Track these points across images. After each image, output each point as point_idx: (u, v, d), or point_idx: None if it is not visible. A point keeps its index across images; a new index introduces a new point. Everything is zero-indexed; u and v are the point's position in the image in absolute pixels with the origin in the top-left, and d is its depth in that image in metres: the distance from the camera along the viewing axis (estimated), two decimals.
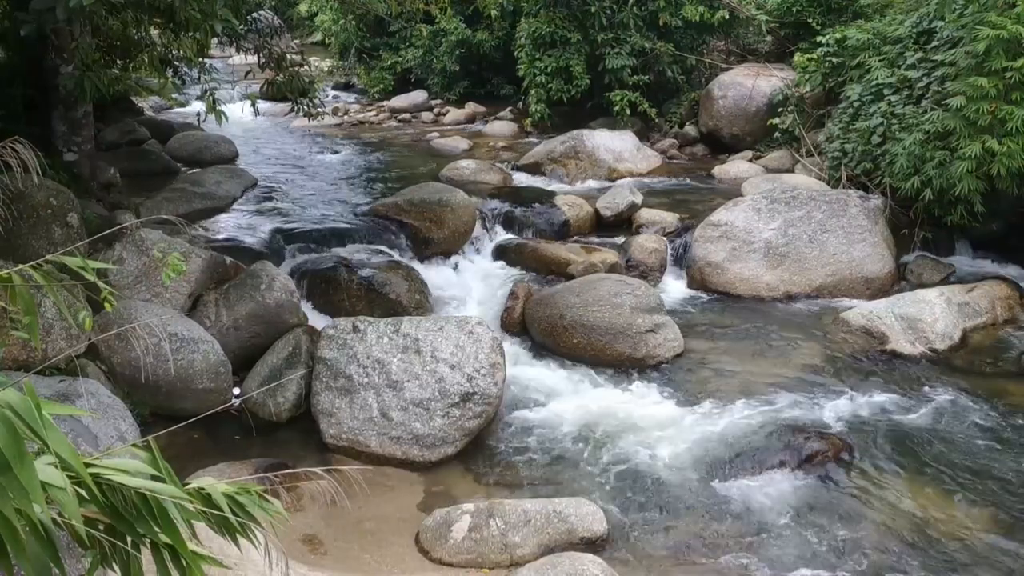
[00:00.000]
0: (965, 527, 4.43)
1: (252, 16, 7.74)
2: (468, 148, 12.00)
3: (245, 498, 1.70)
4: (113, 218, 6.73)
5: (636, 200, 8.69)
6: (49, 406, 1.47)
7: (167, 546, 1.60)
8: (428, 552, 4.24)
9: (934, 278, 7.58)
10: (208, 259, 5.99)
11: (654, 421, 5.43)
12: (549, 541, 4.19)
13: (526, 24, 12.40)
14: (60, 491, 1.42)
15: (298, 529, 4.30)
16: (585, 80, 12.10)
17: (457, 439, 5.12)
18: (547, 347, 6.46)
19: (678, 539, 4.37)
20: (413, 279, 6.92)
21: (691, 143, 11.93)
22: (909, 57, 8.50)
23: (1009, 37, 6.72)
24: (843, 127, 8.98)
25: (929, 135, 7.45)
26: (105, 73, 6.33)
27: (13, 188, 4.91)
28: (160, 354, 4.95)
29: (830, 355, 6.32)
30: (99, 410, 4.33)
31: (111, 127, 10.02)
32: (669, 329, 6.37)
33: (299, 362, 5.56)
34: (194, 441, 5.03)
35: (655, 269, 7.76)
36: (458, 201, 8.01)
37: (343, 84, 17.58)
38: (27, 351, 4.62)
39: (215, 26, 5.88)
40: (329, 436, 5.19)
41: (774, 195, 7.97)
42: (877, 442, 5.16)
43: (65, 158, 6.97)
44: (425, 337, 5.34)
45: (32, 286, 1.78)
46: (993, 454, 5.06)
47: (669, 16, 11.94)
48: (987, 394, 5.75)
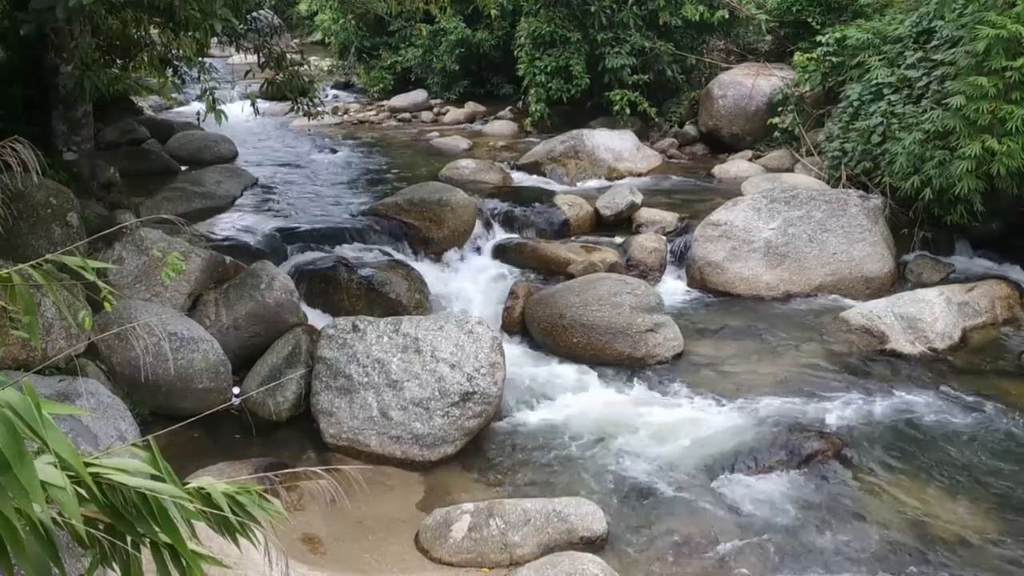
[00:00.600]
0: (965, 527, 4.43)
1: (252, 15, 7.73)
2: (468, 147, 12.00)
3: (245, 498, 1.70)
4: (113, 217, 6.73)
5: (636, 200, 8.69)
6: (49, 405, 1.47)
7: (167, 546, 1.60)
8: (428, 552, 4.24)
9: (934, 277, 7.58)
10: (208, 258, 5.98)
11: (654, 420, 5.43)
12: (549, 540, 4.19)
13: (526, 23, 12.40)
14: (60, 490, 1.42)
15: (298, 528, 4.30)
16: (585, 79, 12.10)
17: (457, 439, 5.12)
18: (547, 346, 6.46)
19: (678, 538, 4.37)
20: (413, 278, 6.92)
21: (691, 142, 11.94)
22: (909, 56, 8.50)
23: (1009, 36, 6.72)
24: (843, 126, 8.98)
25: (929, 135, 7.45)
26: (105, 72, 6.33)
27: (13, 187, 4.90)
28: (160, 353, 4.95)
29: (830, 354, 6.32)
30: (99, 410, 4.33)
31: (111, 126, 10.02)
32: (669, 328, 6.37)
33: (299, 362, 5.56)
34: (194, 441, 5.03)
35: (655, 268, 7.76)
36: (458, 200, 8.01)
37: (343, 83, 17.59)
38: (27, 350, 4.62)
39: (215, 25, 5.88)
40: (329, 436, 5.19)
41: (774, 194, 7.97)
42: (877, 441, 5.17)
43: (65, 157, 6.97)
44: (425, 336, 5.34)
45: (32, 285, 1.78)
46: (993, 454, 5.06)
47: (669, 15, 11.94)
48: (987, 393, 5.75)
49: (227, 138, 10.88)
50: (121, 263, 5.62)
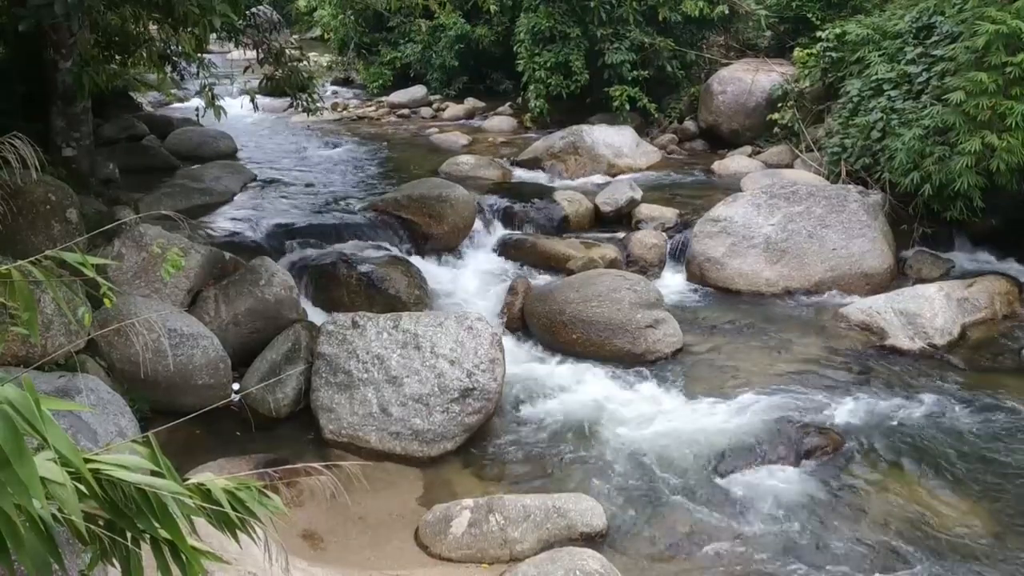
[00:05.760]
0: (964, 522, 4.44)
1: (251, 11, 7.72)
2: (467, 144, 11.98)
3: (245, 494, 1.70)
4: (112, 214, 6.72)
5: (635, 196, 8.68)
6: (48, 402, 1.47)
7: (167, 542, 1.60)
8: (428, 547, 4.24)
9: (933, 273, 7.58)
10: (207, 255, 5.98)
11: (653, 416, 5.44)
12: (548, 536, 4.20)
13: (525, 19, 12.38)
14: (60, 487, 1.42)
15: (298, 525, 4.31)
16: (584, 75, 12.08)
17: (457, 435, 5.12)
18: (546, 342, 6.46)
19: (677, 534, 4.38)
20: (412, 275, 6.92)
21: (690, 138, 11.92)
22: (909, 52, 8.50)
23: (1009, 32, 6.72)
24: (842, 122, 8.98)
25: (928, 130, 7.45)
26: (104, 68, 6.31)
27: (12, 184, 4.89)
28: (159, 350, 4.95)
29: (829, 350, 6.33)
30: (98, 406, 4.33)
31: (110, 123, 10.00)
32: (668, 324, 6.37)
33: (298, 358, 5.56)
34: (194, 437, 5.03)
35: (654, 264, 7.76)
36: (457, 197, 8.00)
37: (342, 79, 17.55)
38: (26, 347, 4.62)
39: (214, 21, 5.86)
40: (329, 432, 5.19)
41: (773, 190, 7.97)
42: (876, 437, 5.17)
43: (64, 154, 6.96)
44: (425, 333, 5.34)
45: (31, 282, 1.78)
46: (992, 449, 5.06)
47: (668, 11, 11.91)
48: (986, 389, 5.76)
49: (226, 134, 10.87)
50: (120, 259, 5.61)
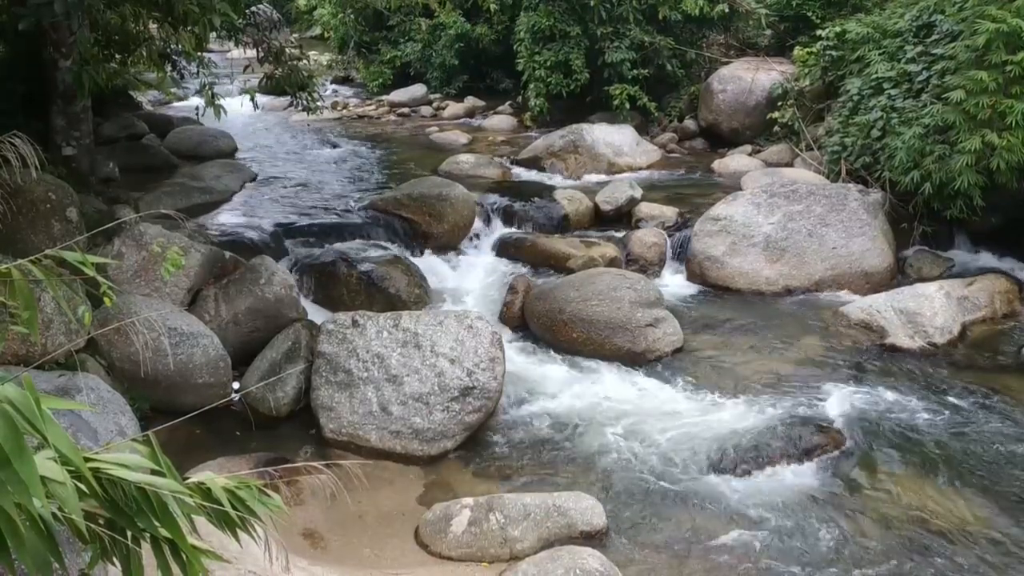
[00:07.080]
0: (964, 520, 4.44)
1: (251, 10, 7.72)
2: (467, 142, 11.99)
3: (245, 492, 1.70)
4: (112, 213, 6.72)
5: (635, 194, 8.68)
6: (48, 401, 1.47)
7: (167, 540, 1.60)
8: (428, 546, 4.25)
9: (933, 272, 7.57)
10: (207, 254, 5.98)
11: (653, 415, 5.44)
12: (549, 535, 4.20)
13: (525, 18, 12.37)
14: (60, 486, 1.42)
15: (298, 523, 4.31)
16: (584, 74, 12.08)
17: (457, 433, 5.12)
18: (546, 341, 6.46)
19: (677, 532, 4.38)
20: (412, 273, 6.92)
21: (690, 137, 11.91)
22: (909, 51, 8.49)
23: (1009, 30, 6.71)
24: (843, 121, 8.98)
25: (929, 129, 7.44)
26: (103, 67, 6.30)
27: (12, 183, 4.89)
28: (159, 349, 4.95)
29: (829, 349, 6.33)
30: (99, 405, 4.33)
31: (110, 122, 10.00)
32: (668, 323, 6.37)
33: (299, 357, 5.56)
34: (194, 436, 5.04)
35: (654, 263, 7.76)
36: (457, 195, 8.00)
37: (342, 78, 17.54)
38: (26, 346, 4.62)
39: (214, 20, 5.87)
40: (329, 431, 5.19)
41: (773, 189, 7.96)
42: (876, 436, 5.17)
43: (64, 153, 6.96)
44: (425, 332, 5.34)
45: (31, 281, 1.78)
46: (992, 448, 5.06)
47: (668, 10, 11.91)
48: (986, 388, 5.76)
49: (226, 133, 10.86)
50: (120, 258, 5.61)
